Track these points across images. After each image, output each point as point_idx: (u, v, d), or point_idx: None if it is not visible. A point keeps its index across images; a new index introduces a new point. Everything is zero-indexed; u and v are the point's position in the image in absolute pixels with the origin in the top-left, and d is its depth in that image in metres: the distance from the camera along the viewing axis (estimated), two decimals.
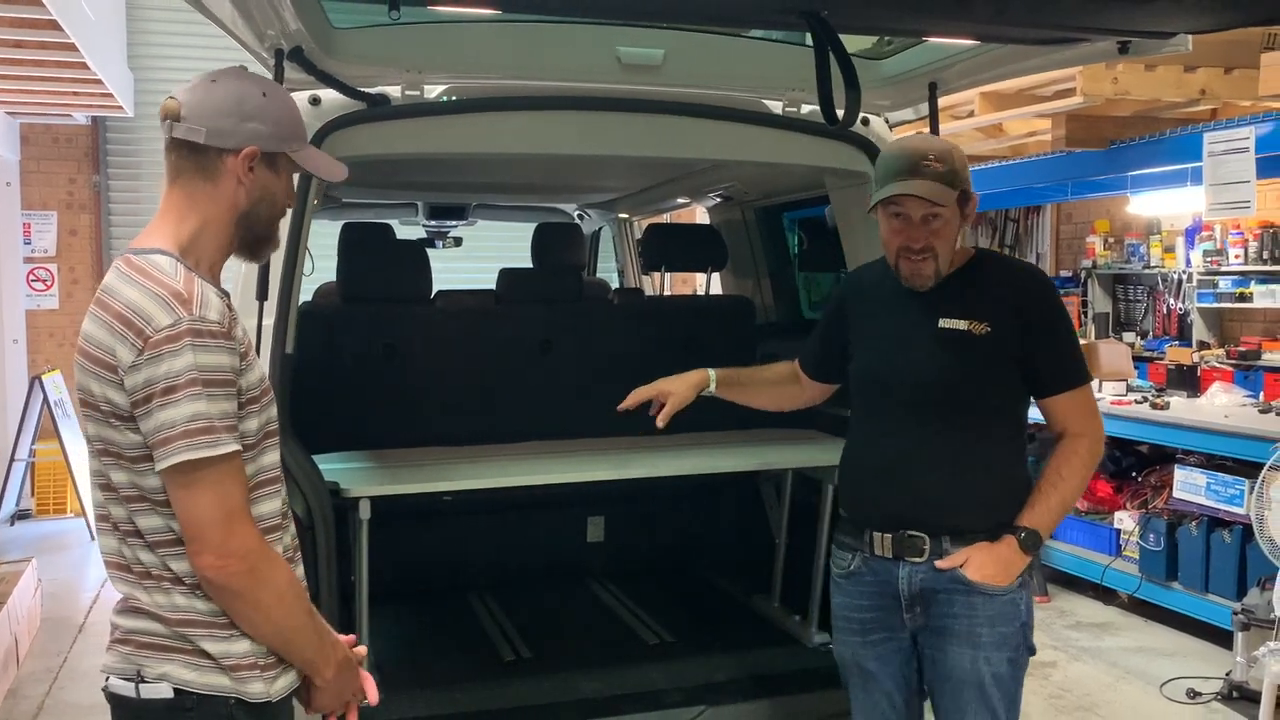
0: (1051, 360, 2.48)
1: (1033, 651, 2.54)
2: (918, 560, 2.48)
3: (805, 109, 3.30)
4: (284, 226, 2.03)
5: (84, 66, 6.74)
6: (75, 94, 7.74)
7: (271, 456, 1.87)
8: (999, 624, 2.44)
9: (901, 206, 2.44)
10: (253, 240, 1.91)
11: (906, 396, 2.53)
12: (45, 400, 8.02)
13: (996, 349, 2.46)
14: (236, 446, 1.72)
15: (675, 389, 2.82)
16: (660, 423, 2.80)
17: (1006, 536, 2.43)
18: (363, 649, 2.02)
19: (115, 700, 1.81)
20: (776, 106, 3.32)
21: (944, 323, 2.50)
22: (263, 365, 1.92)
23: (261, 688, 1.79)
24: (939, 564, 2.46)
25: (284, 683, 1.84)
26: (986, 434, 2.49)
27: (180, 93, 1.83)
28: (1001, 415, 2.51)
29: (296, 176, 2.01)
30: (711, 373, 2.89)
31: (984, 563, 2.42)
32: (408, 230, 5.98)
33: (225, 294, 1.84)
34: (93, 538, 7.70)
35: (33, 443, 8.26)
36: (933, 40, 2.98)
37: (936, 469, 2.48)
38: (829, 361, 2.81)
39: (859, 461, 2.64)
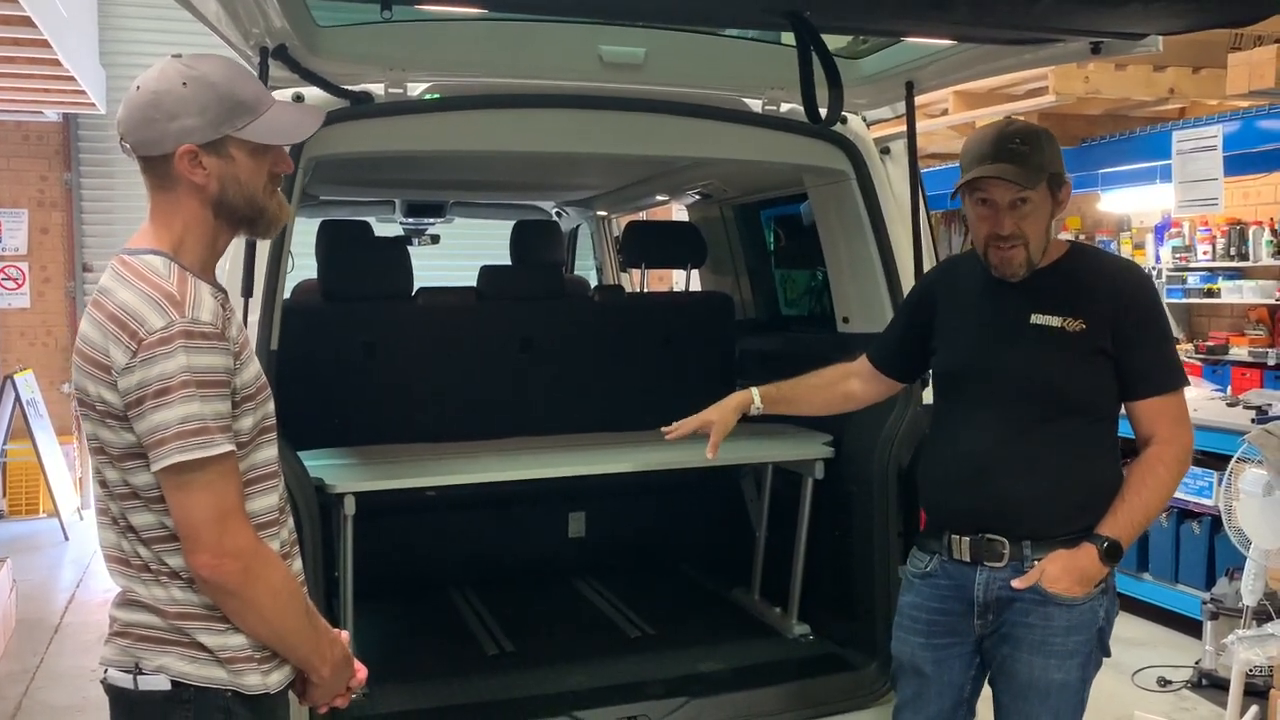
0: (1145, 361, 2.36)
1: (1107, 654, 2.45)
2: (996, 566, 2.40)
3: (785, 107, 3.34)
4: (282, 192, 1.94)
5: (56, 63, 6.69)
6: (47, 90, 7.68)
7: (267, 453, 1.88)
8: (1074, 633, 2.37)
9: (986, 192, 2.36)
10: (241, 222, 1.87)
11: (994, 393, 2.44)
12: (17, 400, 7.94)
13: (1090, 347, 2.35)
14: (230, 447, 1.73)
15: (718, 417, 2.79)
16: (709, 454, 2.78)
17: (1086, 545, 2.33)
18: (346, 634, 2.04)
19: (114, 692, 1.82)
20: (756, 105, 3.36)
21: (1036, 318, 2.39)
22: (258, 362, 1.92)
23: (258, 680, 1.81)
24: (1015, 583, 2.37)
25: (280, 676, 1.86)
26: (1077, 435, 2.39)
27: (120, 106, 1.82)
28: (1094, 416, 2.40)
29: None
30: (755, 392, 2.82)
31: (1059, 575, 2.33)
32: (383, 228, 5.97)
33: (222, 291, 1.85)
34: (66, 538, 7.67)
35: (4, 443, 8.18)
36: (910, 40, 3.03)
37: (1021, 470, 2.38)
38: (906, 357, 2.74)
39: (940, 461, 2.56)
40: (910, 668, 2.59)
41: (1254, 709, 4.31)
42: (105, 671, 1.82)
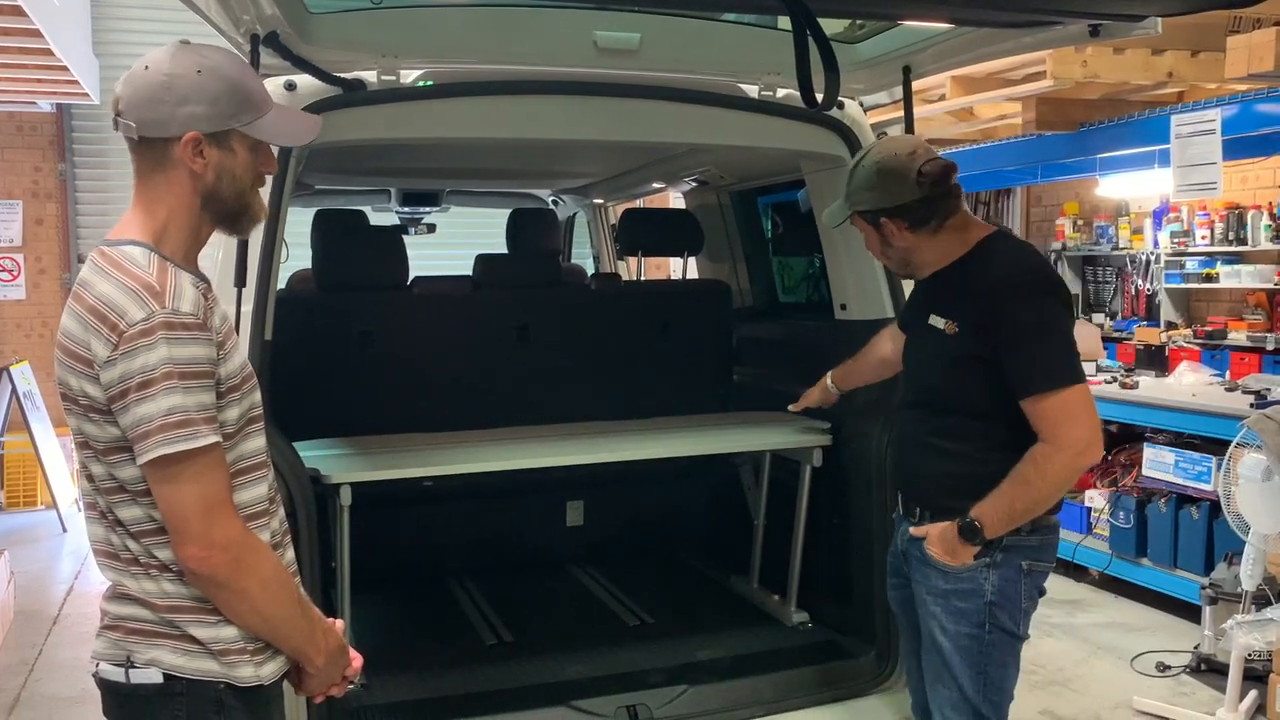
0: (1015, 364, 2.44)
1: (1011, 634, 2.59)
2: (911, 520, 2.71)
3: (781, 93, 3.32)
4: (264, 192, 1.93)
5: (49, 53, 6.65)
6: (40, 81, 7.64)
7: (254, 443, 1.87)
8: (954, 599, 2.57)
9: None
10: (225, 217, 1.86)
11: (906, 387, 2.79)
12: (14, 392, 7.93)
13: (963, 349, 2.50)
14: (216, 438, 1.71)
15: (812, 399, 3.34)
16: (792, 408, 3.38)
17: (954, 522, 2.53)
18: (341, 622, 2.04)
19: (105, 686, 1.81)
20: (753, 90, 3.34)
21: (931, 319, 2.59)
22: (243, 351, 1.90)
23: (251, 672, 1.80)
24: (912, 530, 2.67)
25: (273, 667, 1.85)
26: (960, 429, 2.57)
27: (120, 83, 1.79)
28: (973, 414, 2.54)
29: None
30: (828, 380, 3.28)
31: (933, 540, 2.58)
32: (379, 217, 5.95)
33: (204, 281, 1.83)
34: (64, 529, 7.66)
35: (1, 435, 8.17)
36: (907, 24, 3.00)
37: (917, 454, 2.69)
38: None
39: (895, 434, 2.92)
40: (895, 610, 2.90)
41: (1253, 694, 4.32)
42: (97, 665, 1.81)
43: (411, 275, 4.19)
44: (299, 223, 4.32)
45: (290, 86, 2.91)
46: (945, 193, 2.53)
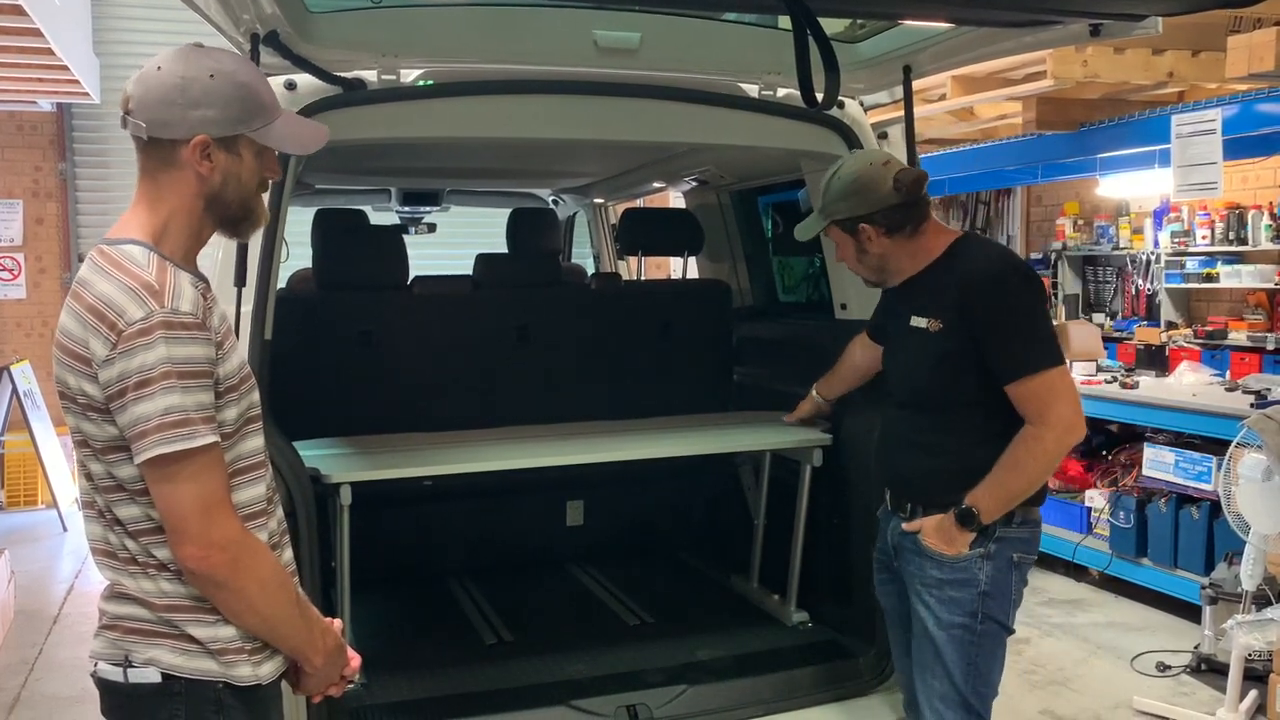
0: (994, 353, 2.54)
1: (1002, 625, 2.67)
2: (902, 516, 2.78)
3: (781, 92, 3.31)
4: (266, 198, 1.94)
5: (49, 52, 6.65)
6: (40, 80, 7.64)
7: (253, 443, 1.87)
8: (948, 589, 2.64)
9: None
10: (227, 221, 1.87)
11: (893, 389, 2.85)
12: (14, 391, 7.93)
13: (948, 346, 2.60)
14: (214, 438, 1.71)
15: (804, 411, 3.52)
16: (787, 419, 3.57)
17: (950, 511, 2.61)
18: (339, 622, 2.04)
19: (104, 685, 1.81)
20: (753, 90, 3.34)
21: (913, 321, 2.69)
22: (242, 351, 1.90)
23: (249, 671, 1.80)
24: (904, 526, 2.74)
25: (271, 666, 1.85)
26: (948, 423, 2.66)
27: (131, 82, 1.79)
28: (962, 406, 2.64)
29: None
30: (814, 393, 3.45)
31: (930, 531, 2.65)
32: (379, 217, 5.94)
33: (203, 280, 1.83)
34: (65, 529, 7.66)
35: (1, 434, 8.17)
36: (907, 23, 3.00)
37: (908, 452, 2.76)
38: (884, 330, 3.06)
39: (879, 435, 3.00)
40: (884, 606, 2.96)
41: (1253, 694, 4.32)
42: (95, 665, 1.81)
43: (411, 275, 4.20)
44: (299, 222, 4.32)
45: (290, 86, 2.90)
46: (919, 199, 2.67)
